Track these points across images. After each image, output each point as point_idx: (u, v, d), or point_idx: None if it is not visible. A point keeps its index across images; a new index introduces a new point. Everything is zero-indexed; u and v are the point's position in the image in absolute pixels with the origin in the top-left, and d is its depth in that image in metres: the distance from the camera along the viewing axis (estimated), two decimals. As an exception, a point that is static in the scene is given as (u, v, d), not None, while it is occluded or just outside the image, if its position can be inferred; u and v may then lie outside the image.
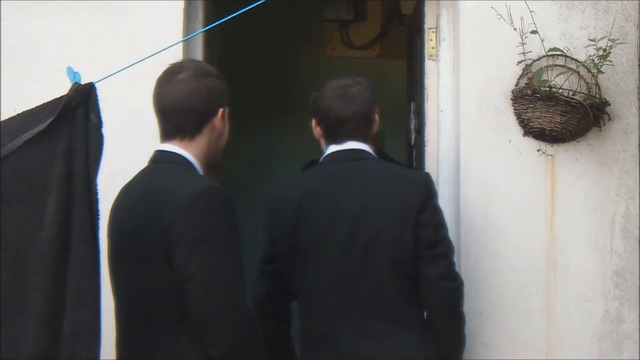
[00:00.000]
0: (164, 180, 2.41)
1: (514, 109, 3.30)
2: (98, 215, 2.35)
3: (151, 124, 3.24)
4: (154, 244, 2.32)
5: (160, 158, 2.50)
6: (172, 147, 2.48)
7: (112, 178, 2.73)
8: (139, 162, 3.23)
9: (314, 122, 2.90)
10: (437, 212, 2.78)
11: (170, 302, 2.32)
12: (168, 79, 2.48)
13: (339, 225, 2.71)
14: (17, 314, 2.26)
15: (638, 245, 3.31)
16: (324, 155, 2.87)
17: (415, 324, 2.73)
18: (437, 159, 3.42)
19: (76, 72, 2.39)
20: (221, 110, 2.51)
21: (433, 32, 3.49)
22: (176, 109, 2.45)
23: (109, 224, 2.47)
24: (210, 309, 2.27)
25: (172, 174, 2.43)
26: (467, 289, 2.89)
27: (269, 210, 2.87)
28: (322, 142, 2.90)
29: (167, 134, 2.49)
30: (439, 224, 2.76)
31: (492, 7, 3.27)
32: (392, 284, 2.71)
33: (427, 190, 2.77)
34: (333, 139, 2.84)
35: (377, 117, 2.93)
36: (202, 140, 2.49)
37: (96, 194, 2.34)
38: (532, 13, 3.21)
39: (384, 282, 2.70)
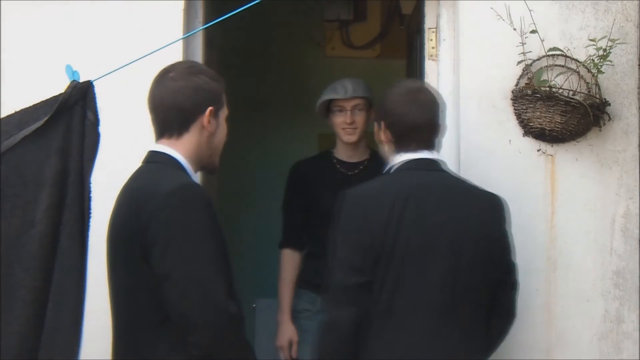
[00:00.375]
0: (147, 180, 2.42)
1: (514, 109, 3.30)
2: (90, 213, 2.34)
3: (149, 123, 3.26)
4: (133, 245, 2.32)
5: (149, 158, 2.52)
6: (160, 146, 2.50)
7: (110, 177, 2.73)
8: (138, 161, 3.23)
9: (382, 126, 2.80)
10: (510, 238, 2.78)
11: (152, 303, 2.31)
12: (159, 78, 2.51)
13: (439, 241, 2.60)
14: (3, 312, 2.25)
15: (638, 245, 3.31)
16: (399, 162, 2.76)
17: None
18: (437, 159, 3.42)
19: (75, 71, 2.39)
20: (210, 108, 2.48)
21: (433, 32, 3.49)
22: (163, 106, 2.48)
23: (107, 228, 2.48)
24: (186, 308, 2.26)
25: (155, 173, 2.43)
26: (467, 289, 2.90)
27: (361, 216, 2.63)
28: (388, 148, 2.81)
29: (157, 133, 2.52)
30: (512, 249, 2.77)
31: (491, 7, 3.27)
32: (478, 310, 2.65)
33: (507, 213, 2.77)
34: (406, 146, 2.74)
35: (445, 126, 2.94)
36: (190, 139, 2.48)
37: (89, 191, 2.34)
38: (532, 13, 3.21)
39: (475, 306, 2.64)
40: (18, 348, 2.24)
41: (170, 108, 2.47)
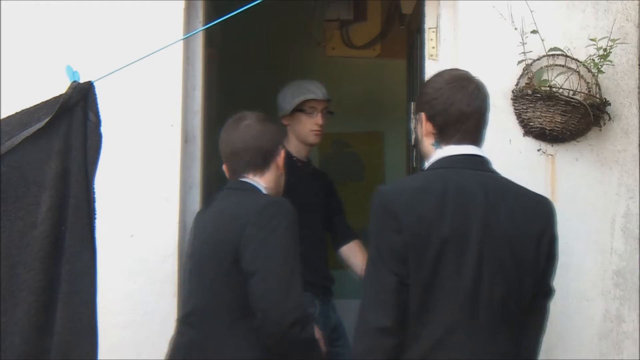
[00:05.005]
0: (241, 198, 2.83)
1: (514, 109, 3.30)
2: (95, 214, 2.35)
3: (150, 123, 3.27)
4: (226, 248, 2.69)
5: (237, 186, 2.88)
6: (247, 179, 2.87)
7: (113, 178, 2.74)
8: (138, 161, 3.24)
9: (422, 117, 2.56)
10: (557, 244, 2.58)
11: (233, 301, 2.69)
12: (235, 125, 2.90)
13: (479, 246, 2.41)
14: (6, 313, 2.25)
15: (638, 245, 3.31)
16: (439, 157, 2.53)
17: None
18: (437, 159, 3.42)
19: (75, 71, 2.39)
20: (282, 150, 2.97)
21: (433, 32, 3.49)
22: (246, 148, 2.86)
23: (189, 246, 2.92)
24: (267, 300, 2.61)
25: (248, 194, 2.85)
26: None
27: (397, 213, 2.43)
28: (429, 141, 2.57)
29: (238, 171, 2.88)
30: (557, 257, 2.59)
31: (492, 7, 3.27)
32: (512, 315, 2.47)
33: (555, 217, 2.56)
34: (448, 138, 2.51)
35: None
36: (269, 176, 2.92)
37: (94, 192, 2.34)
38: (533, 13, 3.21)
39: (510, 312, 2.47)
40: (20, 348, 2.24)
41: (255, 150, 2.86)
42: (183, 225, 3.32)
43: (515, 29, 3.25)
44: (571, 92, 3.22)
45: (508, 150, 3.30)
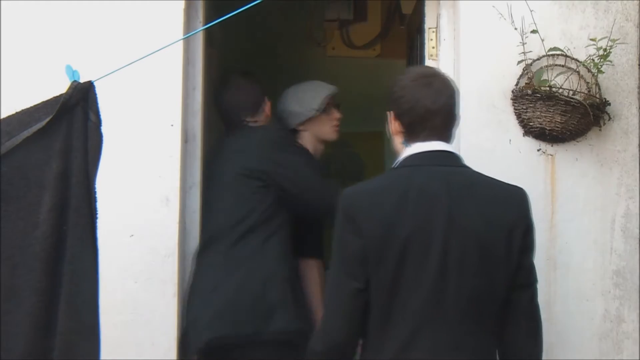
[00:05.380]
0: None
1: (514, 109, 3.30)
2: (96, 214, 2.35)
3: (150, 123, 3.27)
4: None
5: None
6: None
7: (113, 178, 2.73)
8: (140, 161, 3.24)
9: (391, 116, 2.58)
10: (534, 234, 2.53)
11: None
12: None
13: (443, 243, 2.39)
14: (8, 313, 2.25)
15: (638, 245, 3.31)
16: (406, 155, 2.53)
17: None
18: (437, 159, 3.42)
19: (75, 71, 2.39)
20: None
21: (433, 31, 3.49)
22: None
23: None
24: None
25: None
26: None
27: (356, 216, 2.44)
28: (398, 139, 2.58)
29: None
30: (534, 248, 2.53)
31: (492, 7, 3.27)
32: (486, 313, 2.45)
33: (529, 209, 2.52)
34: (416, 135, 2.51)
35: (459, 117, 2.66)
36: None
37: (95, 192, 2.35)
38: (532, 12, 3.21)
39: (482, 309, 2.45)
40: (24, 348, 2.25)
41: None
42: (183, 225, 3.32)
43: (515, 29, 3.25)
44: (571, 92, 3.22)
45: (508, 150, 3.30)
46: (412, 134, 2.53)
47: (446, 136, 2.54)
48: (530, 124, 3.26)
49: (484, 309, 2.45)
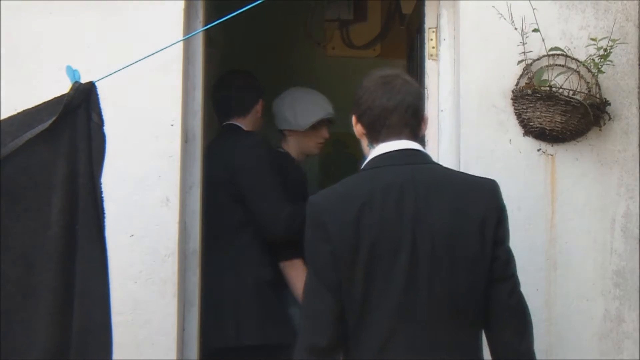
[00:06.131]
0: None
1: (514, 109, 3.29)
2: (104, 214, 2.36)
3: (151, 123, 3.27)
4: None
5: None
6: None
7: (114, 178, 2.73)
8: (140, 161, 3.24)
9: (354, 119, 2.57)
10: (507, 224, 2.47)
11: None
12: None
13: (411, 242, 2.36)
14: (26, 310, 2.27)
15: (638, 245, 3.31)
16: (371, 157, 2.51)
17: None
18: (437, 159, 3.40)
19: (75, 70, 2.39)
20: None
21: (433, 31, 3.49)
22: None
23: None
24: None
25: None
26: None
27: (324, 222, 2.41)
28: (364, 142, 2.57)
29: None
30: (508, 238, 2.48)
31: (493, 7, 3.27)
32: (462, 312, 2.41)
33: (500, 199, 2.48)
34: (377, 136, 2.49)
35: (426, 117, 2.61)
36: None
37: (101, 193, 2.35)
38: (533, 11, 3.21)
39: (459, 309, 2.41)
40: (44, 345, 2.26)
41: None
42: (183, 225, 3.32)
43: (516, 28, 3.25)
44: (571, 92, 3.22)
45: (508, 150, 3.30)
46: (373, 134, 2.51)
47: (408, 134, 2.49)
48: (531, 123, 3.26)
49: (461, 306, 2.41)
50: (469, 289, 2.41)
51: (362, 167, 2.54)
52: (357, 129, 2.56)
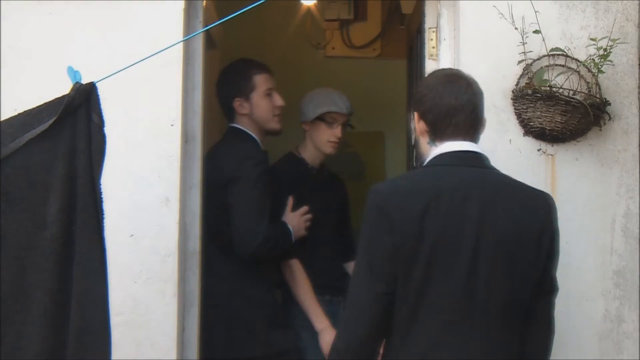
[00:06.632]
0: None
1: (514, 109, 3.30)
2: (103, 214, 2.36)
3: (151, 123, 3.27)
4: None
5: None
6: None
7: (113, 178, 2.73)
8: (140, 161, 3.24)
9: (415, 116, 2.57)
10: (559, 240, 2.54)
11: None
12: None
13: (473, 244, 2.38)
14: (19, 313, 2.26)
15: (638, 245, 3.31)
16: (435, 154, 2.52)
17: None
18: (437, 159, 3.42)
19: (76, 71, 2.39)
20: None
21: (433, 31, 3.49)
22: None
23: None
24: None
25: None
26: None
27: (390, 213, 2.40)
28: (424, 139, 2.57)
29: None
30: (558, 254, 2.54)
31: (493, 7, 3.27)
32: (508, 316, 2.44)
33: (556, 214, 2.52)
34: (441, 134, 2.50)
35: (485, 119, 2.61)
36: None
37: (100, 193, 2.35)
38: (533, 12, 3.21)
39: (506, 312, 2.44)
40: (39, 347, 2.26)
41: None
42: (183, 225, 3.32)
43: (516, 28, 3.25)
44: (571, 92, 3.22)
45: (508, 150, 3.30)
46: (437, 133, 2.52)
47: (472, 136, 2.53)
48: (531, 123, 3.26)
49: (511, 312, 2.44)
50: (521, 297, 2.45)
51: (425, 164, 2.55)
52: (419, 126, 2.56)
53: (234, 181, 3.64)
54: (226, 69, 3.94)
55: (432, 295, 2.39)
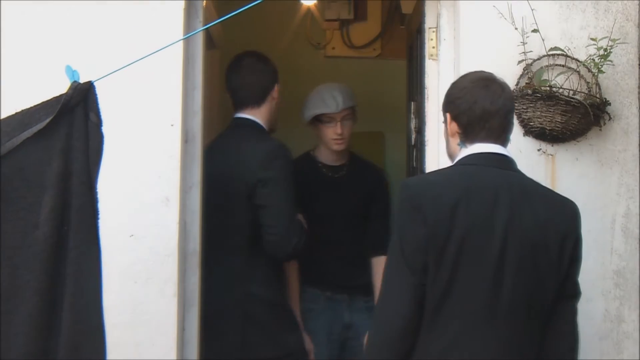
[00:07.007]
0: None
1: (515, 109, 3.29)
2: (98, 214, 2.35)
3: (150, 123, 3.27)
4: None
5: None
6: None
7: (113, 178, 2.73)
8: (140, 161, 3.24)
9: (448, 117, 2.61)
10: (582, 247, 2.55)
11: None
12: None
13: (501, 244, 2.41)
14: (8, 313, 2.25)
15: (638, 245, 3.31)
16: (466, 154, 2.56)
17: None
18: (437, 159, 3.41)
19: (75, 71, 2.38)
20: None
21: (433, 31, 3.49)
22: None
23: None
24: None
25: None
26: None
27: (422, 204, 2.43)
28: (454, 141, 2.61)
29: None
30: (581, 261, 2.55)
31: (493, 7, 3.27)
32: (531, 318, 2.46)
33: (580, 221, 2.55)
34: (473, 136, 2.54)
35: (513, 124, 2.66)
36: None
37: (97, 193, 2.35)
38: (533, 11, 3.21)
39: (529, 315, 2.46)
40: (25, 348, 2.24)
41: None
42: (183, 225, 3.32)
43: (516, 28, 3.25)
44: (571, 92, 3.22)
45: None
46: (469, 135, 2.56)
47: (503, 139, 2.58)
48: (531, 123, 3.26)
49: (533, 314, 2.46)
50: (543, 300, 2.47)
51: (455, 162, 2.60)
52: (451, 127, 2.60)
53: (265, 182, 3.53)
54: (263, 57, 3.82)
55: (457, 292, 2.41)
